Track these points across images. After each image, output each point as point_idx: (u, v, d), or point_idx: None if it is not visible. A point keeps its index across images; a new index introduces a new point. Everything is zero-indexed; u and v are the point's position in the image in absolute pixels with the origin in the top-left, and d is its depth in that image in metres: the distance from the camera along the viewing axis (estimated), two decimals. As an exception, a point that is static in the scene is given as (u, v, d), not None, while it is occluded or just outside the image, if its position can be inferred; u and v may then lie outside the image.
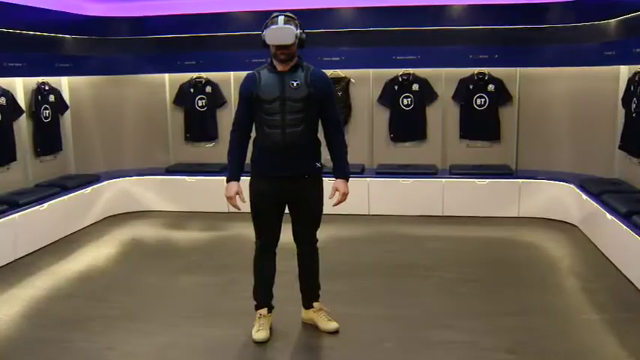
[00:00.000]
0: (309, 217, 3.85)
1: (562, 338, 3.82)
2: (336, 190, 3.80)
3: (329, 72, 7.09)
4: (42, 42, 6.39)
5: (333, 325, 3.93)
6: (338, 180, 3.82)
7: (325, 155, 3.80)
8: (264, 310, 3.92)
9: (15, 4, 6.01)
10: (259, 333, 3.83)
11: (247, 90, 3.69)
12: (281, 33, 3.53)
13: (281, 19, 3.58)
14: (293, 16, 3.66)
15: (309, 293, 4.03)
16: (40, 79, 6.62)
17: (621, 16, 5.70)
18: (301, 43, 3.65)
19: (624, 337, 3.81)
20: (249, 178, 3.81)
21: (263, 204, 3.76)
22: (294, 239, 3.93)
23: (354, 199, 6.81)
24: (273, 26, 3.56)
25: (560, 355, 3.61)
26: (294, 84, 3.62)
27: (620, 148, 6.18)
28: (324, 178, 3.84)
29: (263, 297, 3.95)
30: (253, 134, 3.81)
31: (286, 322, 4.03)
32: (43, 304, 4.56)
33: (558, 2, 6.58)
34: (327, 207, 3.89)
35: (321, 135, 3.80)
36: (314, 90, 3.64)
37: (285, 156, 3.66)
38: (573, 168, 6.88)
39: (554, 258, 5.49)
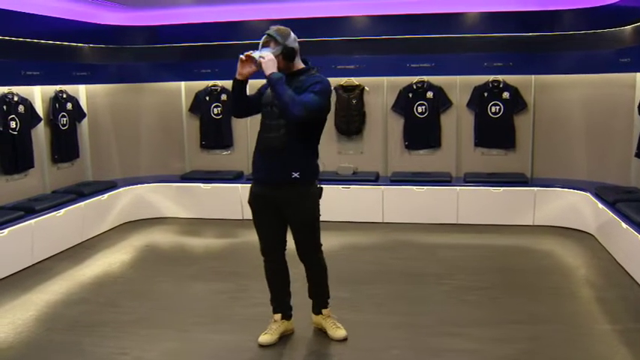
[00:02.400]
0: (297, 231, 3.80)
1: (572, 348, 3.79)
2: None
3: (343, 80, 7.19)
4: (60, 51, 6.47)
5: (340, 333, 3.92)
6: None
7: (340, 163, 3.77)
8: (277, 316, 3.95)
9: (33, 14, 6.13)
10: (263, 336, 3.87)
11: (264, 87, 3.77)
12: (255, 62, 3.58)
13: (261, 41, 3.62)
14: (278, 32, 3.59)
15: (316, 301, 4.04)
16: (58, 87, 6.72)
17: (637, 22, 5.64)
18: (289, 54, 3.62)
19: (636, 348, 3.76)
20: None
21: (255, 206, 3.84)
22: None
23: (369, 206, 6.93)
24: (256, 52, 3.57)
25: (571, 365, 3.58)
26: None
27: (636, 156, 6.10)
28: (323, 186, 3.83)
29: (274, 303, 3.97)
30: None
31: (297, 328, 4.04)
32: (57, 309, 4.62)
33: (573, 9, 6.53)
34: (340, 215, 3.84)
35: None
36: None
37: (271, 160, 3.67)
38: (589, 176, 6.82)
39: (569, 267, 5.44)
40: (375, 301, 4.64)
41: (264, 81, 3.66)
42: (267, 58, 3.52)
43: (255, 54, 3.55)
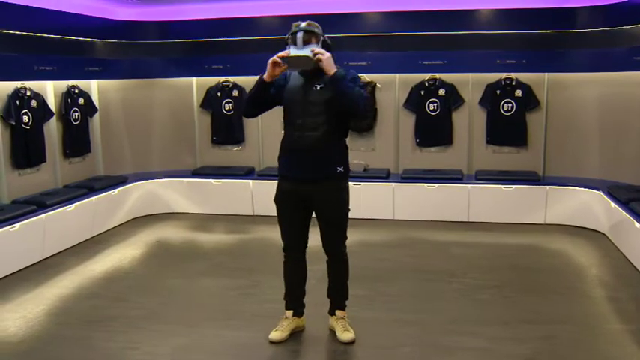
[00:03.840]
0: (331, 224, 3.79)
1: (583, 348, 3.76)
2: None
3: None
4: (72, 46, 6.49)
5: (347, 335, 3.86)
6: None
7: (352, 159, 3.77)
8: (289, 312, 3.94)
9: (46, 9, 6.15)
10: (274, 333, 3.86)
11: (276, 82, 3.65)
12: (296, 62, 3.51)
13: (299, 38, 3.51)
14: (313, 26, 3.59)
15: (333, 301, 4.00)
16: (71, 82, 6.74)
17: (652, 20, 5.60)
18: (327, 48, 3.60)
19: (649, 348, 3.74)
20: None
21: (284, 204, 3.79)
22: (323, 248, 3.90)
23: (380, 203, 6.91)
24: (293, 49, 3.51)
25: (582, 365, 3.56)
26: (318, 87, 3.62)
27: (649, 154, 6.07)
28: (350, 184, 3.85)
29: (289, 299, 3.95)
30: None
31: (308, 326, 4.03)
32: (67, 303, 4.64)
33: (587, 6, 6.48)
34: (352, 212, 3.85)
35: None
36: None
37: (304, 158, 3.65)
38: (602, 175, 6.76)
39: (581, 266, 5.41)
40: (386, 298, 4.64)
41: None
42: (325, 55, 3.48)
43: (302, 52, 3.46)
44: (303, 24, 3.58)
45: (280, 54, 3.49)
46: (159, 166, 7.78)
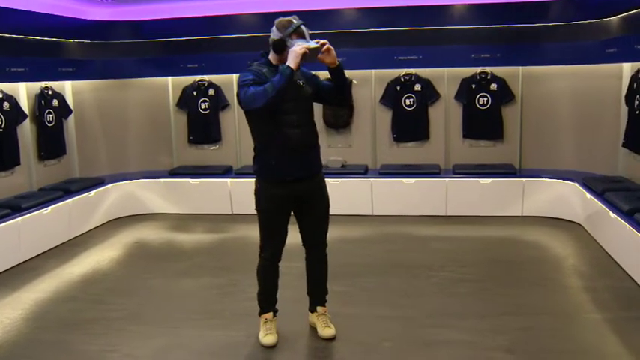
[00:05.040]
0: (322, 216, 3.81)
1: (563, 337, 3.81)
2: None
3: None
4: (45, 47, 6.42)
5: (329, 331, 3.87)
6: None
7: (330, 156, 3.78)
8: (269, 315, 3.88)
9: (18, 10, 6.05)
10: (268, 337, 3.80)
11: (260, 79, 3.49)
12: (312, 54, 3.44)
13: (306, 31, 3.52)
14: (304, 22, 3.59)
15: (316, 297, 4.00)
16: (44, 83, 6.66)
17: (623, 12, 5.65)
18: None
19: (626, 336, 3.79)
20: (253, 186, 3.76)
21: (277, 210, 3.69)
22: (305, 244, 3.89)
23: (358, 199, 6.93)
24: (302, 42, 3.46)
25: (561, 354, 3.59)
26: (301, 82, 3.62)
27: (623, 145, 6.15)
28: (329, 181, 3.91)
29: (270, 303, 3.90)
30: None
31: (287, 323, 4.01)
32: (45, 307, 4.58)
33: (559, 0, 6.54)
34: (330, 208, 3.86)
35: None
36: (311, 87, 3.68)
37: (303, 156, 3.64)
38: (577, 166, 6.85)
39: (558, 257, 5.46)
40: (366, 293, 4.65)
41: None
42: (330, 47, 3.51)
43: (313, 44, 3.45)
44: (297, 19, 3.56)
45: (306, 45, 3.43)
46: (135, 166, 7.72)
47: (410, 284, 4.83)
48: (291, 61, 3.40)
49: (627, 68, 6.18)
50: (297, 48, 3.41)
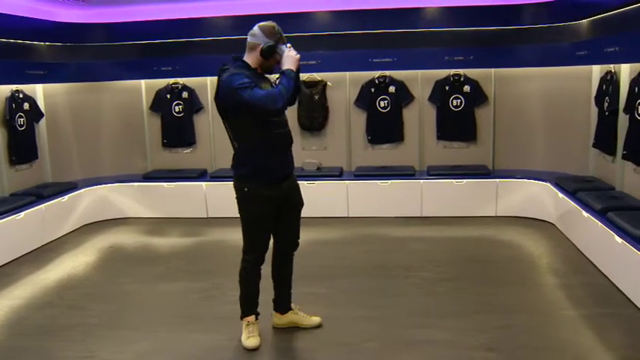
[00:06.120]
0: (299, 215, 3.89)
1: (541, 334, 3.87)
2: None
3: (305, 75, 7.18)
4: (15, 49, 6.31)
5: (316, 319, 4.01)
6: None
7: (305, 158, 3.82)
8: (252, 317, 3.87)
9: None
10: (251, 340, 3.79)
11: (255, 83, 3.50)
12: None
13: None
14: None
15: (288, 297, 4.05)
16: (14, 86, 6.55)
17: (592, 16, 5.78)
18: None
19: (601, 332, 3.87)
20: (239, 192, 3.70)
21: (268, 212, 3.70)
22: (284, 246, 3.91)
23: (334, 201, 6.95)
24: (284, 47, 3.56)
25: (539, 351, 3.66)
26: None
27: (593, 146, 6.28)
28: (304, 183, 3.89)
29: (252, 306, 3.88)
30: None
31: (268, 325, 4.03)
32: (21, 314, 4.51)
33: (531, 3, 6.65)
34: (306, 211, 3.89)
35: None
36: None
37: (288, 155, 3.76)
38: (549, 167, 6.97)
39: (532, 256, 5.55)
40: (346, 295, 4.66)
41: None
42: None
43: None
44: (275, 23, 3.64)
45: (294, 52, 3.59)
46: (109, 170, 7.64)
47: (388, 285, 4.87)
48: (292, 66, 3.53)
49: (597, 70, 6.32)
50: (293, 53, 3.55)
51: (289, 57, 3.54)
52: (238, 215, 3.72)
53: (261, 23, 3.61)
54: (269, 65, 3.63)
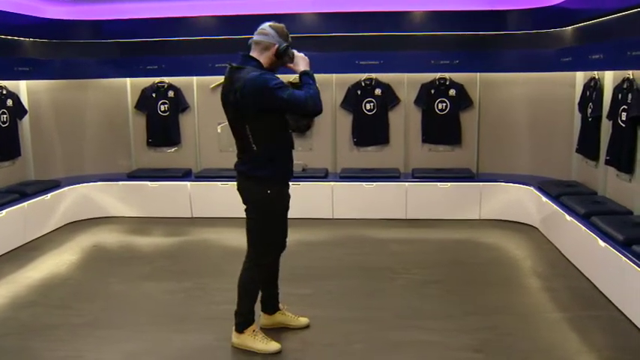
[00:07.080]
0: (287, 215, 3.86)
1: (526, 336, 3.92)
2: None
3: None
4: (-1, 45, 6.25)
5: (304, 320, 4.02)
6: None
7: (296, 160, 3.83)
8: (255, 325, 3.81)
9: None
10: (272, 344, 3.72)
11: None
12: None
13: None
14: None
15: (277, 297, 4.04)
16: (-2, 82, 6.48)
17: (577, 23, 5.87)
18: None
19: (585, 334, 3.94)
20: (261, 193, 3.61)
21: (285, 213, 3.73)
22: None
23: (319, 203, 6.96)
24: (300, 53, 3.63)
25: (525, 353, 3.70)
26: None
27: (577, 151, 6.36)
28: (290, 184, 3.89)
29: (254, 313, 3.81)
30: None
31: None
32: (4, 313, 4.45)
33: (517, 9, 6.73)
34: (291, 212, 3.86)
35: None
36: None
37: (292, 156, 3.77)
38: (532, 171, 7.06)
39: (516, 259, 5.61)
40: (332, 296, 4.68)
41: None
42: None
43: None
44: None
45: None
46: (93, 169, 7.57)
47: (374, 287, 4.89)
48: (308, 67, 3.59)
49: (580, 77, 6.41)
50: (303, 54, 3.61)
51: (302, 58, 3.57)
52: (245, 217, 3.65)
53: (271, 23, 3.60)
54: (278, 66, 3.60)
